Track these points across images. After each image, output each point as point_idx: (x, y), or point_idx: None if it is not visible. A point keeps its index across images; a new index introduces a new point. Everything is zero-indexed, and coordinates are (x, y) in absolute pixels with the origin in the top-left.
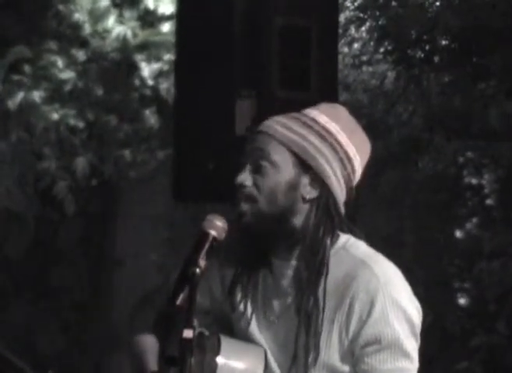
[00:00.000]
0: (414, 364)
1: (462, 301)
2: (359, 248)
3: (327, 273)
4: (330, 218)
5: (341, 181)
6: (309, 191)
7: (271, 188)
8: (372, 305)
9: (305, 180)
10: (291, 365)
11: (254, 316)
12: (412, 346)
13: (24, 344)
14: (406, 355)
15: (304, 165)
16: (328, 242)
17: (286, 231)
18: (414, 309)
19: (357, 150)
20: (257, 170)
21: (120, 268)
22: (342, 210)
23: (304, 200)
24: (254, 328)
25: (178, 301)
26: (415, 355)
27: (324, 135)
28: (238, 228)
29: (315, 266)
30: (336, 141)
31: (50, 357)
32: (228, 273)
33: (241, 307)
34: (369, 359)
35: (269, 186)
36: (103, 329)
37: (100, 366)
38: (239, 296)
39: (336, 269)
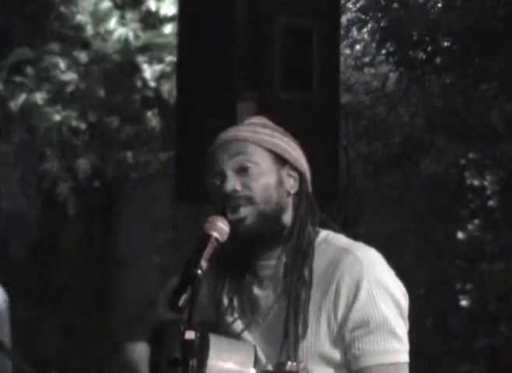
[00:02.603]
0: (404, 345)
1: (464, 302)
2: (340, 239)
3: (312, 256)
4: (312, 208)
5: (309, 174)
6: (292, 185)
7: (264, 187)
8: (358, 288)
9: (285, 175)
10: (281, 345)
11: (242, 320)
12: (401, 327)
13: (26, 345)
14: (395, 336)
15: (281, 160)
16: (312, 230)
17: (278, 228)
18: (400, 291)
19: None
20: (243, 173)
21: (122, 269)
22: None
23: (289, 194)
24: (243, 330)
25: (180, 303)
26: (404, 336)
27: (284, 133)
28: (237, 234)
29: (301, 250)
30: (292, 140)
31: (52, 358)
32: (213, 280)
33: (229, 312)
34: (359, 343)
35: (261, 185)
36: (105, 330)
37: (102, 367)
38: (226, 302)
39: (320, 260)
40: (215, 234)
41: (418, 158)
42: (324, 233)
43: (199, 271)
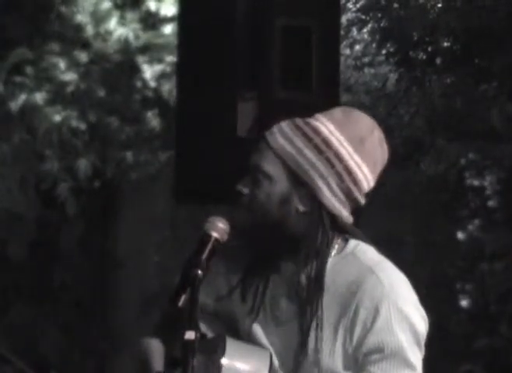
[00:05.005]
0: None
1: (464, 302)
2: (367, 254)
3: (323, 287)
4: (324, 232)
5: (340, 194)
6: (303, 204)
7: (264, 200)
8: (376, 312)
9: (298, 194)
10: (294, 370)
11: (260, 318)
12: (416, 355)
13: (25, 345)
14: (409, 365)
15: (298, 179)
16: (326, 252)
17: (285, 239)
18: (419, 318)
19: (365, 159)
20: (254, 180)
21: (121, 269)
22: (349, 220)
23: (298, 212)
24: (259, 330)
25: (180, 303)
26: (418, 365)
27: (322, 149)
28: (235, 231)
29: (312, 278)
30: (335, 155)
31: (52, 358)
32: (235, 273)
33: (247, 308)
34: (371, 368)
35: (262, 197)
36: (105, 329)
37: (102, 366)
38: (246, 297)
39: (343, 274)
40: (215, 234)
41: (418, 159)
42: (352, 244)
43: (199, 271)
